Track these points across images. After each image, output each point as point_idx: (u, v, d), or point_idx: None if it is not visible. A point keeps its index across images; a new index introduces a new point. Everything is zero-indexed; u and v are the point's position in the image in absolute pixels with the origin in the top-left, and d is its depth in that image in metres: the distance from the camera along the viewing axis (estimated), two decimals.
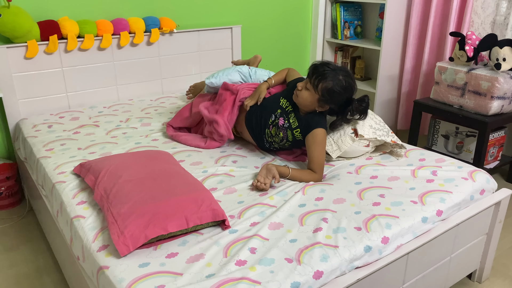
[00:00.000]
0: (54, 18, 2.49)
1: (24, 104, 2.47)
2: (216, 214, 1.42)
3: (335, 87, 1.75)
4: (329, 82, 1.75)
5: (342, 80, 1.76)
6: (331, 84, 1.75)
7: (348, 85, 1.78)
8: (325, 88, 1.75)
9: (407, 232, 1.47)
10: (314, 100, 1.79)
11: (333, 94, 1.77)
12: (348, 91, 1.80)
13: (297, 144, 1.92)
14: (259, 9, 3.29)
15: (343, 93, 1.78)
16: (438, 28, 3.00)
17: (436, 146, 2.87)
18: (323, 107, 1.82)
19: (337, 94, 1.77)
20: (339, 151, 1.90)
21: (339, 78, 1.76)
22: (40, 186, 1.96)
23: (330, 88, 1.75)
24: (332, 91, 1.76)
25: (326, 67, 1.77)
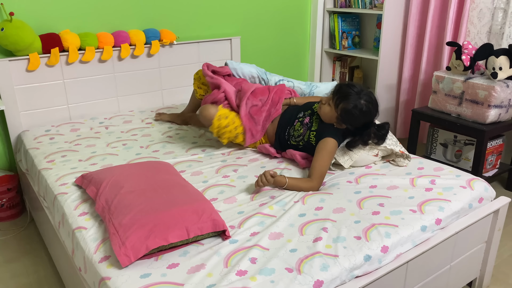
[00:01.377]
0: (56, 31, 2.53)
1: (25, 116, 2.49)
2: (217, 225, 1.43)
3: (354, 110, 1.81)
4: (349, 104, 1.81)
5: (363, 105, 1.82)
6: (350, 106, 1.81)
7: (367, 110, 1.83)
8: (344, 109, 1.82)
9: (406, 241, 1.48)
10: (333, 117, 1.88)
11: (350, 116, 1.83)
12: (367, 115, 1.84)
13: (308, 148, 1.95)
14: (258, 21, 3.33)
15: (360, 117, 1.84)
16: (435, 38, 3.03)
17: (434, 154, 2.88)
18: (340, 125, 1.90)
19: (354, 117, 1.83)
20: (350, 161, 1.94)
21: (360, 102, 1.81)
22: (41, 198, 1.97)
23: (349, 110, 1.82)
24: (350, 113, 1.82)
25: (351, 89, 1.83)
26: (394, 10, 3.06)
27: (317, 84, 2.47)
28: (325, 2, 3.52)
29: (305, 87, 2.44)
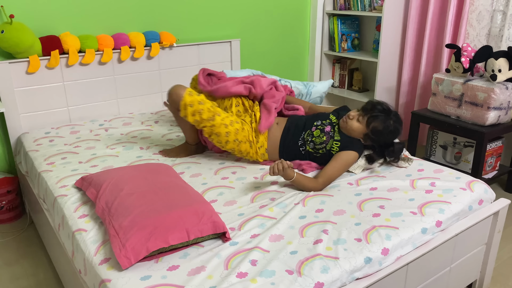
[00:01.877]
0: (56, 33, 2.53)
1: (25, 118, 2.49)
2: (217, 227, 1.43)
3: (385, 130, 1.88)
4: (380, 123, 1.87)
5: (392, 125, 1.88)
6: (382, 127, 1.87)
7: (395, 130, 1.90)
8: (375, 128, 1.88)
9: (407, 243, 1.48)
10: (361, 133, 1.91)
11: (380, 136, 1.89)
12: (394, 135, 1.91)
13: (325, 157, 1.93)
14: (258, 23, 3.33)
15: (389, 137, 1.91)
16: (434, 40, 3.04)
17: (434, 156, 2.89)
18: (366, 141, 1.93)
19: (383, 136, 1.90)
20: (360, 168, 1.96)
21: (390, 122, 1.88)
22: (41, 200, 1.97)
23: (380, 130, 1.87)
24: (380, 133, 1.88)
25: (382, 107, 1.90)
26: (393, 13, 3.07)
27: (314, 84, 2.49)
28: (324, 4, 3.53)
29: (302, 87, 2.46)
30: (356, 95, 3.52)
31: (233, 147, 1.96)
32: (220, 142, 1.95)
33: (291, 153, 2.00)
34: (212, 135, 1.93)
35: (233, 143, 1.94)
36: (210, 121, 1.89)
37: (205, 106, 1.90)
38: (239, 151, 1.98)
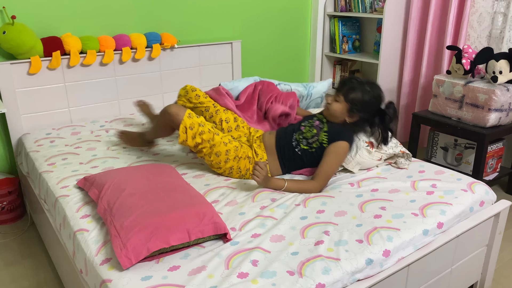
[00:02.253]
0: (57, 34, 2.53)
1: (26, 119, 2.49)
2: (218, 228, 1.43)
3: (365, 97, 1.86)
4: (358, 92, 1.86)
5: (370, 90, 1.87)
6: (360, 94, 1.86)
7: (376, 94, 1.89)
8: (354, 99, 1.86)
9: (408, 245, 1.47)
10: (345, 110, 1.88)
11: (363, 104, 1.86)
12: (377, 99, 1.90)
13: (320, 152, 1.90)
14: (259, 25, 3.34)
15: (373, 102, 1.88)
16: (435, 42, 3.04)
17: (435, 158, 2.89)
18: (352, 117, 1.89)
19: (367, 104, 1.87)
20: (358, 165, 1.95)
21: (366, 88, 1.87)
22: (42, 201, 1.97)
23: (360, 98, 1.85)
24: (362, 101, 1.86)
25: (354, 80, 1.89)
26: (394, 14, 3.07)
27: (313, 85, 2.50)
28: (325, 6, 3.54)
29: (303, 88, 2.47)
30: None
31: (233, 164, 1.90)
32: (219, 162, 1.88)
33: (290, 158, 1.95)
34: (212, 155, 1.86)
35: (233, 160, 1.89)
36: (210, 141, 1.84)
37: (205, 127, 1.84)
38: (237, 168, 1.91)
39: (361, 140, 1.97)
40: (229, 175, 1.94)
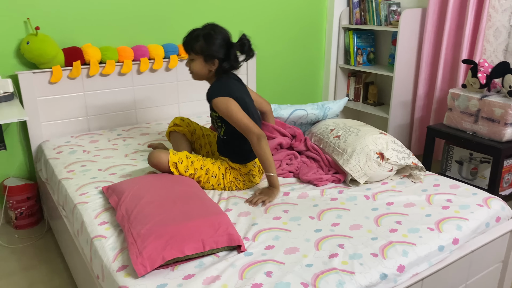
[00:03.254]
0: (78, 44, 2.60)
1: (46, 126, 2.56)
2: (232, 239, 1.44)
3: (205, 38, 1.84)
4: (200, 39, 1.85)
5: (205, 30, 1.87)
6: (202, 39, 1.85)
7: (212, 29, 1.87)
8: (199, 46, 1.85)
9: (423, 260, 1.47)
10: (202, 62, 1.88)
11: (208, 45, 1.84)
12: (217, 33, 1.87)
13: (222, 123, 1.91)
14: (274, 36, 3.38)
15: (213, 37, 1.85)
16: (450, 55, 3.04)
17: (450, 171, 2.86)
18: (213, 63, 1.87)
19: (211, 42, 1.84)
20: (366, 177, 1.95)
21: (201, 30, 1.87)
22: (60, 207, 2.01)
23: (201, 41, 1.84)
24: (205, 43, 1.84)
25: (190, 33, 1.88)
26: (409, 28, 3.08)
27: (329, 106, 2.45)
28: (340, 19, 3.56)
29: (318, 111, 2.41)
30: (371, 108, 3.52)
31: (229, 177, 1.92)
32: (219, 182, 1.90)
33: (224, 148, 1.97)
34: (210, 179, 1.89)
35: (227, 173, 1.92)
36: (203, 167, 1.88)
37: (193, 157, 1.89)
38: (234, 179, 1.93)
39: (372, 151, 1.97)
40: (236, 188, 1.94)
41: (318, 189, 1.92)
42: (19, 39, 2.43)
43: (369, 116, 3.82)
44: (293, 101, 3.67)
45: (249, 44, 1.92)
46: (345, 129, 2.16)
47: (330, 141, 2.15)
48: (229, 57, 1.89)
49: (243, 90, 1.94)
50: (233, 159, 1.94)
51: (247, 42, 1.91)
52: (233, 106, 1.82)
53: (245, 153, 1.93)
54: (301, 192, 1.89)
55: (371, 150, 1.98)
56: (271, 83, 3.49)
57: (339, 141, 2.10)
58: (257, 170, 1.97)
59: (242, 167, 1.93)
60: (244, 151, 1.93)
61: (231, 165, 1.93)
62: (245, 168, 1.93)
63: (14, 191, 2.47)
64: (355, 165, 1.96)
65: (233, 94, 1.85)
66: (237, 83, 1.95)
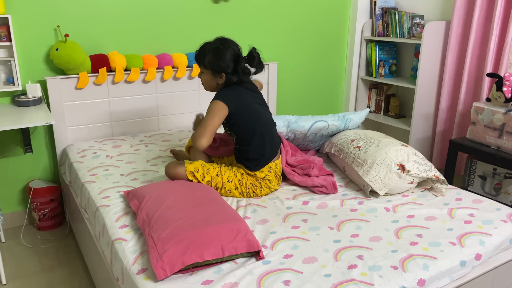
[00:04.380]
0: (105, 52, 2.67)
1: (71, 131, 2.62)
2: (251, 245, 1.45)
3: (212, 53, 1.90)
4: (209, 54, 1.91)
5: (214, 47, 1.91)
6: (210, 54, 1.90)
7: (221, 44, 1.91)
8: (207, 59, 1.91)
9: (444, 275, 1.44)
10: (210, 75, 1.94)
11: (215, 58, 1.89)
12: (226, 48, 1.90)
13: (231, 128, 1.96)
14: (296, 47, 3.40)
15: (221, 52, 1.89)
16: (474, 68, 3.00)
17: (472, 186, 2.81)
18: (221, 77, 1.93)
19: (217, 57, 1.89)
20: (386, 188, 1.93)
21: (212, 47, 1.91)
22: (83, 209, 2.06)
23: (210, 57, 1.90)
24: (213, 57, 1.89)
25: (201, 47, 1.94)
26: (432, 40, 3.06)
27: (350, 117, 2.44)
28: (363, 30, 3.56)
29: (339, 122, 2.39)
30: (392, 121, 3.49)
31: (246, 182, 1.95)
32: (236, 186, 1.93)
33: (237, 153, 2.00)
34: (226, 184, 1.92)
35: (243, 179, 1.94)
36: (219, 174, 1.92)
37: (208, 165, 1.93)
38: (252, 185, 1.95)
39: (392, 163, 1.95)
40: (253, 195, 1.96)
41: (337, 200, 1.91)
42: (49, 46, 2.51)
43: (390, 128, 3.79)
44: (313, 112, 3.67)
45: (258, 57, 1.97)
46: (366, 140, 2.15)
47: (350, 151, 2.14)
48: (237, 71, 1.93)
49: (251, 100, 1.96)
50: (247, 165, 1.96)
51: (256, 56, 1.96)
52: (216, 110, 1.86)
53: (257, 159, 1.95)
54: (321, 202, 1.89)
55: (391, 161, 1.97)
56: (292, 94, 3.51)
57: (360, 151, 2.09)
58: (273, 175, 1.98)
59: (257, 172, 1.95)
60: (256, 157, 1.95)
61: (247, 172, 1.95)
62: (261, 173, 1.95)
63: (38, 193, 2.54)
64: (375, 176, 1.95)
65: (230, 102, 1.88)
66: (246, 92, 1.97)
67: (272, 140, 1.98)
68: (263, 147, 1.94)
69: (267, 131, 1.95)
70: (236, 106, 1.88)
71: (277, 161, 2.02)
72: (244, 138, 1.93)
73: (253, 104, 1.94)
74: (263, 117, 1.96)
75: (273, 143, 1.99)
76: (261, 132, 1.93)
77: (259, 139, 1.93)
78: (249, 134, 1.92)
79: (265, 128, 1.94)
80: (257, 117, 1.93)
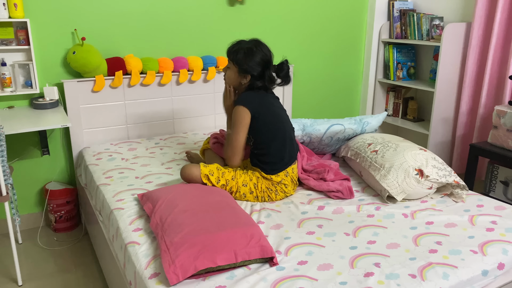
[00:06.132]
0: (121, 55, 2.69)
1: (87, 133, 2.65)
2: (265, 251, 1.42)
3: (244, 52, 1.90)
4: (240, 52, 1.91)
5: (248, 46, 1.91)
6: (242, 52, 1.90)
7: (255, 45, 1.91)
8: (238, 58, 1.91)
9: (465, 285, 1.39)
10: (236, 73, 1.94)
11: (245, 60, 1.89)
12: (258, 50, 1.90)
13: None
14: (312, 50, 3.37)
15: (253, 53, 1.89)
16: (496, 71, 2.92)
17: (494, 192, 2.72)
18: (245, 77, 1.92)
19: (249, 58, 1.89)
20: (404, 194, 1.88)
21: (246, 46, 1.91)
22: (97, 212, 2.06)
23: (241, 55, 1.90)
24: (243, 57, 1.89)
25: (236, 44, 1.95)
26: (453, 42, 2.99)
27: (367, 120, 2.39)
28: (380, 33, 3.51)
29: (356, 126, 2.35)
30: (410, 124, 3.42)
31: (261, 186, 1.93)
32: (251, 191, 1.91)
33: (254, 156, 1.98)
34: (241, 188, 1.90)
35: (258, 182, 1.93)
36: (234, 178, 1.90)
37: (223, 169, 1.91)
38: (267, 189, 1.93)
39: (411, 168, 1.90)
40: (268, 199, 1.93)
41: (354, 205, 1.87)
42: (66, 49, 2.54)
43: (408, 132, 3.71)
44: (330, 115, 3.63)
45: (287, 70, 1.97)
46: (383, 144, 2.10)
47: (367, 155, 2.09)
48: (263, 76, 1.92)
49: (274, 104, 1.95)
50: (263, 169, 1.94)
51: (286, 68, 1.96)
52: (241, 119, 1.87)
53: (275, 163, 1.93)
54: (336, 207, 1.85)
55: (410, 166, 1.91)
56: (308, 97, 3.47)
57: (377, 156, 2.04)
58: (289, 179, 1.95)
59: (274, 176, 1.92)
60: (274, 161, 1.93)
61: (263, 175, 1.93)
62: (277, 177, 1.92)
63: (54, 195, 2.56)
64: (392, 181, 1.90)
65: (252, 107, 1.88)
66: (269, 97, 1.96)
67: (291, 145, 1.97)
68: (282, 151, 1.93)
69: (287, 136, 1.95)
70: (259, 111, 1.88)
71: (294, 166, 1.99)
72: (264, 142, 1.92)
73: (276, 108, 1.95)
74: (284, 122, 1.96)
75: (292, 147, 1.98)
76: (282, 136, 1.93)
77: (280, 143, 1.92)
78: (270, 138, 1.91)
79: (285, 133, 1.95)
80: (278, 121, 1.94)
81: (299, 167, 2.09)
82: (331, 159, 2.42)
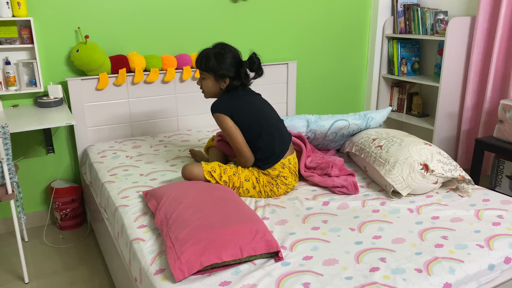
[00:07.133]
0: (124, 53, 2.69)
1: (92, 131, 2.65)
2: (270, 246, 1.42)
3: (215, 57, 1.91)
4: (209, 57, 1.92)
5: (216, 51, 1.92)
6: (211, 58, 1.91)
7: (222, 49, 1.93)
8: (209, 64, 1.91)
9: (471, 279, 1.38)
10: (213, 81, 1.95)
11: (218, 63, 1.90)
12: (227, 52, 1.92)
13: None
14: (316, 46, 3.35)
15: (224, 56, 1.91)
16: (502, 65, 2.89)
17: (500, 187, 2.70)
18: (224, 81, 1.94)
19: (221, 61, 1.90)
20: (409, 188, 1.87)
21: (214, 52, 1.93)
22: (102, 209, 2.07)
23: (213, 62, 1.90)
24: (215, 61, 1.90)
25: (202, 52, 1.96)
26: (457, 36, 2.96)
27: (372, 116, 2.38)
28: (384, 28, 3.49)
29: (360, 121, 2.34)
30: (415, 119, 3.41)
31: (263, 181, 1.94)
32: (254, 186, 1.93)
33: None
34: (244, 184, 1.91)
35: (260, 177, 1.94)
36: (235, 173, 1.92)
37: (224, 165, 1.94)
38: (269, 183, 1.94)
39: (416, 162, 1.89)
40: (271, 193, 1.94)
41: (359, 200, 1.87)
42: (70, 47, 2.55)
43: (413, 128, 3.70)
44: (334, 111, 3.62)
45: (258, 62, 1.97)
46: (388, 139, 2.09)
47: (371, 151, 2.08)
48: (240, 75, 1.94)
49: (251, 101, 1.95)
50: (258, 165, 1.95)
51: (256, 61, 1.96)
52: (225, 124, 1.90)
53: (267, 158, 1.93)
54: (341, 203, 1.84)
55: (415, 161, 1.90)
56: (312, 93, 3.46)
57: (381, 151, 2.03)
58: (287, 171, 1.95)
59: (270, 170, 1.93)
60: (265, 157, 1.93)
61: (261, 171, 1.94)
62: (274, 171, 1.93)
63: (60, 193, 2.57)
64: (397, 176, 1.89)
65: (224, 109, 1.90)
66: (245, 95, 1.97)
67: (281, 137, 1.96)
68: (272, 145, 1.93)
69: (274, 129, 1.94)
70: (232, 111, 1.90)
71: (290, 156, 1.98)
72: (251, 139, 1.93)
73: (254, 105, 1.95)
74: (267, 116, 1.95)
75: (283, 139, 1.97)
76: (268, 131, 1.92)
77: (267, 138, 1.92)
78: (255, 134, 1.91)
79: (271, 127, 1.94)
80: (259, 117, 1.93)
81: (301, 165, 2.09)
82: (335, 155, 2.41)
